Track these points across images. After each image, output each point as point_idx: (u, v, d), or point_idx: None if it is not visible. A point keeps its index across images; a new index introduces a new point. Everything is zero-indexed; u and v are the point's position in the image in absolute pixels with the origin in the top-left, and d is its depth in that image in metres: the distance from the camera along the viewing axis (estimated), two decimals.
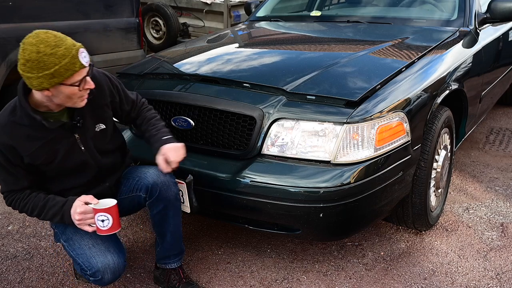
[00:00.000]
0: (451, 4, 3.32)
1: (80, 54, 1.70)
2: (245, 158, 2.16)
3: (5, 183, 1.88)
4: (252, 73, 2.46)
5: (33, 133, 1.81)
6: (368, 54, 2.60)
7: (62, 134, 1.86)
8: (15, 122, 1.80)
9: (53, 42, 1.66)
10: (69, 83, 1.70)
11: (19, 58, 1.67)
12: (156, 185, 2.01)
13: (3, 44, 3.40)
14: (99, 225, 1.82)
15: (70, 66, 1.67)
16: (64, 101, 1.76)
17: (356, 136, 2.05)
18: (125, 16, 4.16)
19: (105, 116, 2.00)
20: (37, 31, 1.69)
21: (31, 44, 1.65)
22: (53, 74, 1.65)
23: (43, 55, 1.63)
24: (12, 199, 1.90)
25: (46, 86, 1.67)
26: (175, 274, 2.21)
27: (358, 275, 2.35)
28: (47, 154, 1.85)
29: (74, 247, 1.92)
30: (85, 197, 1.87)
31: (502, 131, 4.29)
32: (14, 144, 1.80)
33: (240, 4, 7.01)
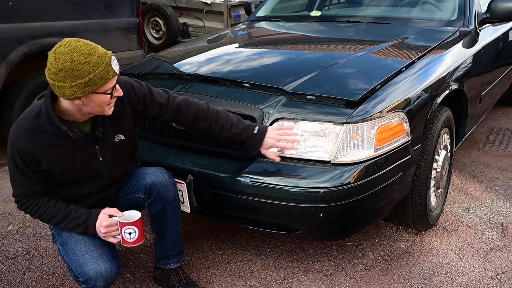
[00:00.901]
0: (451, 4, 3.32)
1: (113, 61, 1.69)
2: (245, 158, 2.16)
3: (20, 186, 1.86)
4: (252, 73, 2.46)
5: (55, 141, 1.80)
6: (368, 54, 2.61)
7: (83, 144, 1.85)
8: (38, 129, 1.78)
9: (86, 50, 1.64)
10: (101, 91, 1.69)
11: (50, 68, 1.63)
12: (155, 186, 2.01)
13: (3, 44, 3.40)
14: (126, 238, 1.85)
15: (104, 74, 1.66)
16: (93, 109, 1.75)
17: (356, 136, 2.05)
18: (125, 16, 4.16)
19: (125, 127, 1.99)
20: (67, 39, 1.66)
21: (64, 53, 1.62)
22: (87, 82, 1.63)
23: (77, 64, 1.61)
24: (28, 205, 1.88)
25: (79, 95, 1.65)
26: (175, 274, 2.21)
27: (358, 275, 2.35)
28: (66, 162, 1.84)
29: (68, 252, 1.91)
30: (109, 210, 1.88)
31: (502, 131, 4.29)
32: (35, 151, 1.78)
33: (240, 4, 7.00)
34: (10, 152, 1.81)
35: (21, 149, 1.78)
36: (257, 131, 2.04)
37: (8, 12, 3.42)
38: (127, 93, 1.94)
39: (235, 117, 2.07)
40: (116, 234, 1.86)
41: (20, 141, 1.78)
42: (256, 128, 2.04)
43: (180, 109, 2.04)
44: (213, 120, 2.04)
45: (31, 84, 3.62)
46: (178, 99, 2.06)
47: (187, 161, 2.29)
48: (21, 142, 1.78)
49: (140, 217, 1.87)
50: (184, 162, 2.29)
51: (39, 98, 3.69)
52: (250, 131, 2.04)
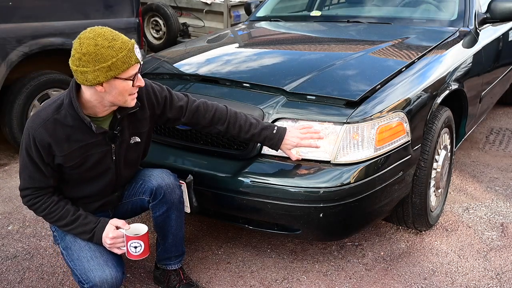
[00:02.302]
0: (451, 4, 3.32)
1: (135, 49, 1.70)
2: (245, 158, 2.17)
3: (32, 179, 1.82)
4: (252, 73, 2.46)
5: (73, 135, 1.78)
6: (368, 54, 2.61)
7: (101, 141, 1.84)
8: (58, 120, 1.76)
9: (110, 36, 1.66)
10: (124, 77, 1.69)
11: (74, 54, 1.65)
12: (161, 188, 2.00)
13: (3, 44, 3.40)
14: (131, 251, 1.84)
15: (127, 59, 1.66)
16: (115, 98, 1.74)
17: (356, 136, 2.05)
18: (125, 16, 4.16)
19: (142, 130, 1.97)
20: (92, 27, 1.69)
21: (88, 38, 1.64)
22: (110, 66, 1.64)
23: (101, 48, 1.63)
24: (36, 201, 1.85)
25: (101, 79, 1.65)
26: (176, 275, 2.21)
27: (358, 275, 2.35)
28: (80, 158, 1.83)
29: (72, 257, 1.89)
30: (116, 221, 1.87)
31: (502, 131, 4.29)
32: (52, 143, 1.76)
33: (240, 4, 7.00)
34: (25, 141, 1.78)
35: (38, 139, 1.75)
36: (276, 130, 2.02)
37: (8, 12, 3.42)
38: (147, 95, 1.93)
39: (254, 117, 2.06)
40: (121, 245, 1.85)
41: (38, 131, 1.75)
42: (276, 128, 2.03)
43: (198, 112, 2.03)
44: (231, 121, 2.03)
45: (31, 84, 3.62)
46: (197, 102, 2.04)
47: (187, 161, 2.29)
48: (38, 132, 1.75)
49: (147, 231, 1.85)
50: (184, 162, 2.29)
51: (39, 98, 3.69)
52: (270, 131, 2.02)
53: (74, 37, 1.73)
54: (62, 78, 3.81)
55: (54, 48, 3.69)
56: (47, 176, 1.82)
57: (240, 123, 2.02)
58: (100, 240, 1.86)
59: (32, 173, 1.81)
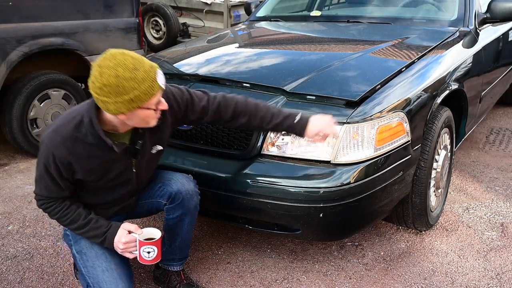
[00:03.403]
0: (451, 4, 3.32)
1: (158, 75, 1.63)
2: (245, 158, 2.16)
3: (48, 190, 1.80)
4: (252, 73, 2.46)
5: (94, 152, 1.75)
6: (368, 54, 2.61)
7: (122, 156, 1.81)
8: (78, 138, 1.71)
9: (132, 64, 1.57)
10: (146, 106, 1.63)
11: (94, 81, 1.58)
12: (180, 193, 1.99)
13: (3, 44, 3.40)
14: (144, 256, 1.82)
15: (150, 89, 1.60)
16: (138, 123, 1.71)
17: (356, 136, 2.05)
18: (125, 16, 4.16)
19: (164, 138, 1.94)
20: (112, 52, 1.60)
21: (108, 67, 1.56)
22: (132, 99, 1.58)
23: (123, 80, 1.55)
24: (49, 206, 1.84)
25: (124, 111, 1.60)
26: (176, 275, 2.21)
27: (358, 275, 2.35)
28: (101, 173, 1.81)
29: (86, 264, 1.88)
30: (129, 226, 1.85)
31: (502, 131, 4.29)
32: (72, 161, 1.73)
33: (240, 4, 7.00)
34: (44, 157, 1.74)
35: (58, 158, 1.72)
36: (298, 120, 1.94)
37: (8, 12, 3.42)
38: (169, 103, 1.83)
39: (274, 107, 2.00)
40: (133, 250, 1.83)
41: (58, 149, 1.71)
42: (298, 116, 1.94)
43: (220, 108, 1.95)
44: (253, 113, 1.95)
45: (31, 84, 3.61)
46: (217, 98, 1.96)
47: (187, 161, 2.29)
48: (58, 150, 1.71)
49: (160, 236, 1.84)
50: (184, 162, 2.29)
51: (39, 98, 3.69)
52: (292, 119, 1.94)
53: (74, 37, 1.70)
54: (62, 78, 3.81)
55: (54, 48, 3.69)
56: (63, 189, 1.81)
57: (261, 115, 1.95)
58: (111, 244, 1.84)
59: (48, 184, 1.79)
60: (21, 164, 3.70)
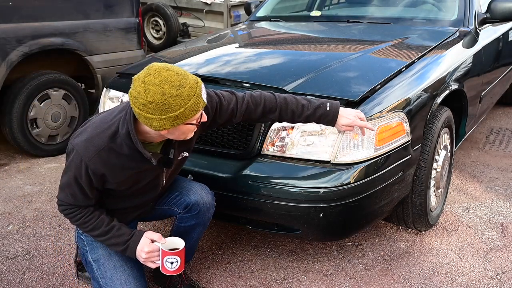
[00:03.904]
0: (451, 4, 3.32)
1: (202, 91, 1.60)
2: (245, 158, 2.17)
3: (74, 198, 1.77)
4: (252, 73, 2.46)
5: (127, 164, 1.72)
6: (368, 54, 2.61)
7: (155, 166, 1.77)
8: (112, 149, 1.68)
9: (177, 81, 1.54)
10: (190, 122, 1.61)
11: (137, 97, 1.54)
12: (198, 205, 1.98)
13: (3, 44, 3.40)
14: (167, 267, 1.78)
15: (195, 106, 1.57)
16: (178, 137, 1.69)
17: (356, 136, 2.05)
18: (125, 16, 4.16)
19: (191, 145, 1.92)
20: (156, 67, 1.56)
21: (154, 84, 1.51)
22: (177, 116, 1.55)
23: (169, 97, 1.52)
24: (72, 211, 1.81)
25: (168, 127, 1.57)
26: (177, 276, 2.21)
27: (358, 275, 2.35)
28: (133, 182, 1.80)
29: (104, 274, 1.86)
30: (152, 235, 1.82)
31: (502, 131, 4.30)
32: (106, 172, 1.71)
33: (240, 4, 7.00)
34: (75, 167, 1.70)
35: (92, 168, 1.69)
36: (330, 107, 1.92)
37: (8, 12, 3.42)
38: None
39: (304, 98, 1.97)
40: (156, 259, 1.80)
41: (93, 160, 1.68)
42: (329, 105, 1.93)
43: (249, 109, 1.92)
44: (283, 108, 1.93)
45: (31, 84, 3.61)
46: (245, 98, 1.92)
47: (187, 161, 2.29)
48: (92, 161, 1.68)
49: (184, 246, 1.80)
50: None
51: (39, 98, 3.69)
52: (323, 109, 1.92)
53: (74, 37, 1.69)
54: (62, 78, 3.81)
55: (54, 48, 3.70)
56: (90, 198, 1.79)
57: (292, 108, 1.92)
58: (134, 253, 1.81)
59: (75, 193, 1.76)
60: (21, 164, 3.70)
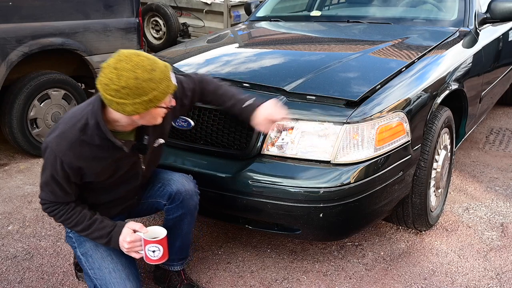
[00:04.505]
0: (451, 4, 3.32)
1: (171, 75, 1.65)
2: (245, 158, 2.16)
3: (54, 195, 1.79)
4: (252, 73, 2.46)
5: (101, 154, 1.74)
6: (368, 54, 2.61)
7: (129, 153, 1.80)
8: (85, 141, 1.70)
9: (149, 65, 1.58)
10: (162, 105, 1.66)
11: (109, 84, 1.56)
12: (180, 194, 1.99)
13: (3, 44, 3.40)
14: (150, 255, 1.80)
15: (167, 89, 1.62)
16: (148, 121, 1.71)
17: (356, 136, 2.05)
18: (125, 16, 4.16)
19: (165, 130, 1.96)
20: (126, 53, 1.59)
21: (126, 69, 1.55)
22: (151, 99, 1.59)
23: (142, 81, 1.56)
24: (54, 209, 1.83)
25: (141, 111, 1.61)
26: (177, 276, 2.21)
27: (358, 275, 2.35)
28: (110, 172, 1.81)
29: (93, 265, 1.87)
30: (134, 225, 1.83)
31: (502, 131, 4.30)
32: (81, 165, 1.72)
33: (240, 4, 7.00)
34: (51, 164, 1.72)
35: (66, 163, 1.70)
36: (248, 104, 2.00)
37: (8, 12, 3.42)
38: None
39: (234, 91, 2.06)
40: (139, 249, 1.82)
41: (65, 154, 1.69)
42: (249, 101, 2.00)
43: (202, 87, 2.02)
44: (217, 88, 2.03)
45: (31, 84, 3.62)
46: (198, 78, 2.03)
47: (187, 161, 2.29)
48: (66, 155, 1.69)
49: (166, 235, 1.82)
50: (184, 162, 2.29)
51: (39, 98, 3.69)
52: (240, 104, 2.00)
53: (74, 37, 1.69)
54: (62, 78, 3.81)
55: (54, 48, 3.70)
56: (69, 193, 1.80)
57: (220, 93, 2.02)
58: (117, 244, 1.83)
59: (54, 190, 1.78)
60: (21, 164, 3.70)
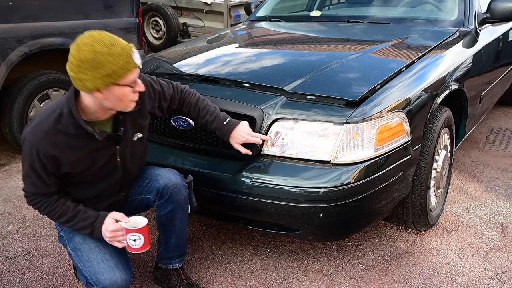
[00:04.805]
0: (451, 4, 3.32)
1: (134, 53, 1.68)
2: (245, 158, 2.16)
3: (34, 186, 1.82)
4: (252, 73, 2.46)
5: (76, 143, 1.77)
6: (368, 54, 2.61)
7: (105, 144, 1.83)
8: (59, 131, 1.74)
9: (108, 41, 1.64)
10: (122, 83, 1.68)
11: (71, 60, 1.63)
12: (167, 188, 2.01)
13: (3, 44, 3.40)
14: (131, 244, 1.83)
15: (126, 65, 1.65)
16: (115, 104, 1.73)
17: (356, 136, 2.05)
18: (125, 16, 4.16)
19: (143, 125, 1.99)
20: (89, 32, 1.66)
21: (86, 44, 1.61)
22: (109, 73, 1.62)
23: (100, 54, 1.61)
24: (37, 201, 1.85)
25: (100, 87, 1.64)
26: (176, 275, 2.21)
27: (358, 275, 2.35)
28: (87, 163, 1.83)
29: (81, 258, 1.89)
30: (116, 215, 1.86)
31: (502, 131, 4.30)
32: (56, 154, 1.75)
33: (240, 4, 7.00)
34: (28, 154, 1.76)
35: (42, 152, 1.73)
36: (227, 122, 2.09)
37: (8, 12, 3.42)
38: (147, 91, 1.95)
39: (214, 106, 2.13)
40: (121, 239, 1.84)
41: (40, 143, 1.73)
42: (227, 120, 2.09)
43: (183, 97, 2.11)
44: (193, 104, 2.11)
45: (31, 84, 3.62)
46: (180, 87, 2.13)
47: (187, 161, 2.29)
48: (41, 144, 1.73)
49: (146, 224, 1.84)
50: (184, 162, 2.29)
51: (39, 98, 3.69)
52: (221, 121, 2.09)
53: (74, 37, 1.72)
54: (62, 78, 3.81)
55: (54, 48, 3.69)
56: (49, 185, 1.82)
57: (199, 107, 2.11)
58: (100, 234, 1.85)
59: (34, 181, 1.81)
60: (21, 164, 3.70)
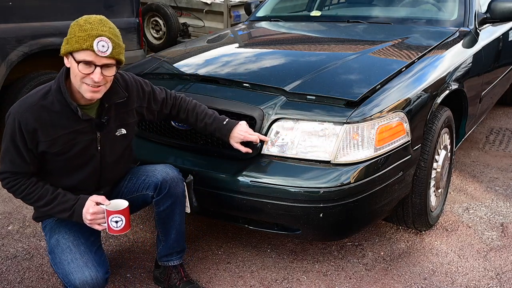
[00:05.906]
0: (451, 4, 3.32)
1: (98, 39, 1.71)
2: (245, 158, 2.16)
3: (12, 164, 1.81)
4: (252, 73, 2.46)
5: (59, 121, 1.80)
6: (368, 54, 2.61)
7: (86, 128, 1.86)
8: (44, 106, 1.79)
9: (92, 20, 1.75)
10: (76, 58, 1.73)
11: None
12: (166, 182, 2.01)
13: (3, 44, 3.40)
14: (112, 226, 1.84)
15: (81, 40, 1.70)
16: (73, 78, 1.77)
17: (356, 136, 2.05)
18: (125, 16, 4.16)
19: (128, 122, 2.01)
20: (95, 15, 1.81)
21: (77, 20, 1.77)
22: (68, 40, 1.74)
23: (75, 24, 1.75)
24: (15, 183, 1.84)
25: (62, 50, 1.75)
26: (176, 273, 2.21)
27: (358, 275, 2.36)
28: (66, 144, 1.84)
29: (55, 261, 1.89)
30: (96, 197, 1.86)
31: (502, 131, 4.30)
32: (38, 127, 1.77)
33: (240, 4, 7.01)
34: (10, 126, 1.78)
35: (23, 124, 1.76)
36: (226, 122, 2.12)
37: (8, 12, 3.42)
38: (136, 88, 2.02)
39: (212, 110, 2.17)
40: (102, 222, 1.85)
41: (24, 115, 1.76)
42: (226, 120, 2.13)
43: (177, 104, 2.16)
44: (190, 109, 2.15)
45: (31, 84, 3.61)
46: (174, 94, 2.18)
47: (187, 161, 2.29)
48: (23, 116, 1.76)
49: (128, 205, 1.86)
50: (184, 162, 2.29)
51: None
52: (221, 122, 2.12)
53: None
54: None
55: (54, 48, 3.69)
56: (27, 163, 1.82)
57: (197, 111, 2.14)
58: (80, 216, 1.85)
59: (13, 157, 1.81)
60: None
